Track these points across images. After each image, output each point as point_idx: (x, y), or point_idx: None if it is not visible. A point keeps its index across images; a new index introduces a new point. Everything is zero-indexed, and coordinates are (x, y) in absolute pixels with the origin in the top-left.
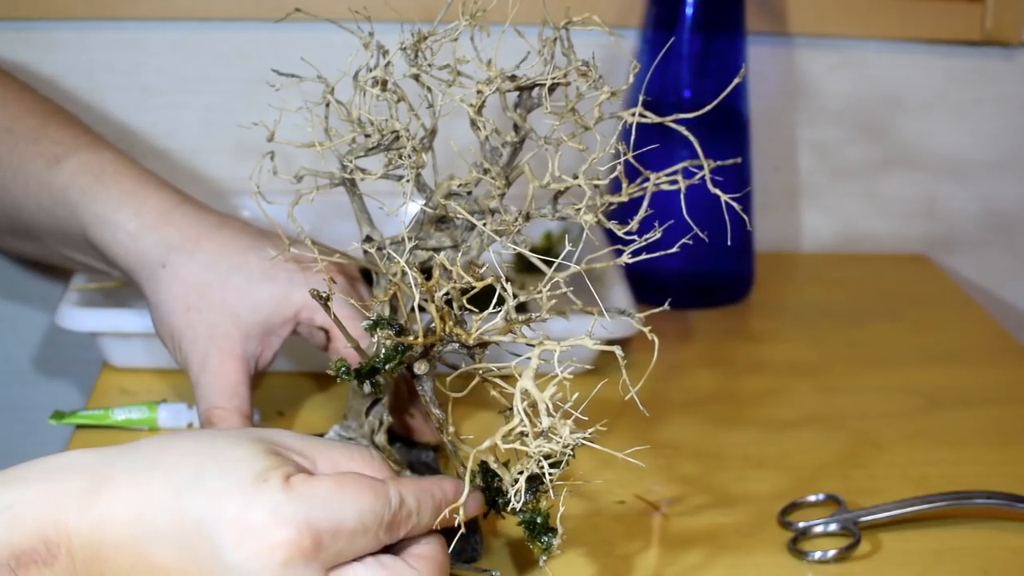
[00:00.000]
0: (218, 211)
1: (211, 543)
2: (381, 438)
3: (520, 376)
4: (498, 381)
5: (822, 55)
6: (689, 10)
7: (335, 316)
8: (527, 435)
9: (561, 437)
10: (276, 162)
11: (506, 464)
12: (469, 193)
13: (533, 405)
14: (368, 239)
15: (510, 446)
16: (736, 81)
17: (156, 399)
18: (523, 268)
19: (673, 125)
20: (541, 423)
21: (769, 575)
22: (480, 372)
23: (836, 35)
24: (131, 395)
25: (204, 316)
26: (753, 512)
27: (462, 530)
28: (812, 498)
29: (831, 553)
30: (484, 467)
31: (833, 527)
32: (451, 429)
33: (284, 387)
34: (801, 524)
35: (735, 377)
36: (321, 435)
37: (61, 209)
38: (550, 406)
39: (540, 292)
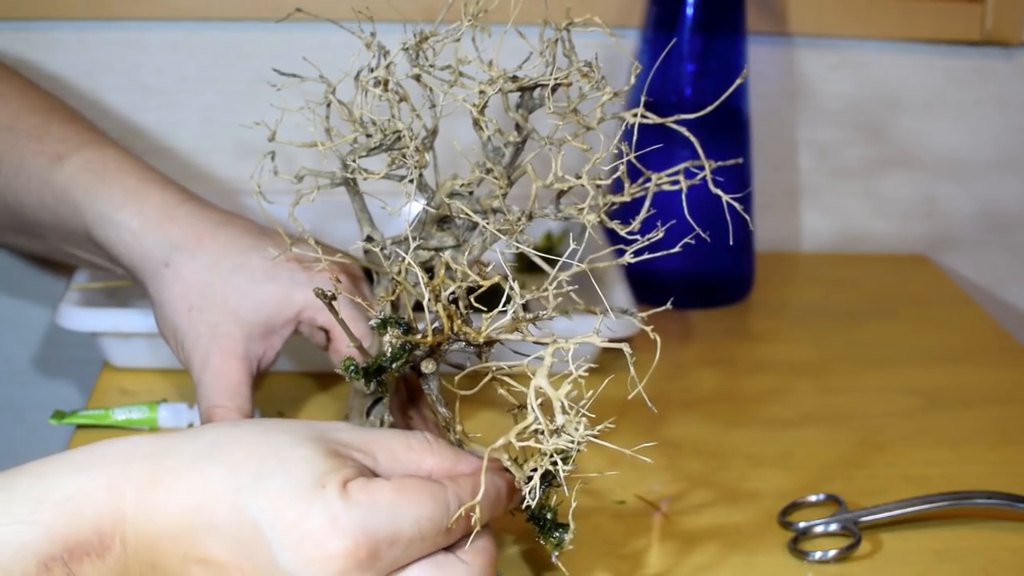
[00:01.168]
0: (222, 209)
1: (267, 544)
2: None
3: (534, 375)
4: (507, 379)
5: (822, 55)
6: (689, 10)
7: (339, 316)
8: (542, 433)
9: (573, 434)
10: (277, 162)
11: (517, 461)
12: (471, 193)
13: (544, 403)
14: (369, 239)
15: (524, 444)
16: (738, 82)
17: (156, 399)
18: (525, 268)
19: (675, 126)
20: (555, 420)
21: (769, 575)
22: (493, 370)
23: (836, 35)
24: (131, 395)
25: (206, 315)
26: (754, 512)
27: (477, 528)
28: (813, 498)
29: (831, 553)
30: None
31: (834, 527)
32: (458, 428)
33: (285, 387)
34: (802, 524)
35: (736, 377)
36: None
37: (64, 207)
38: (565, 404)
39: (546, 291)
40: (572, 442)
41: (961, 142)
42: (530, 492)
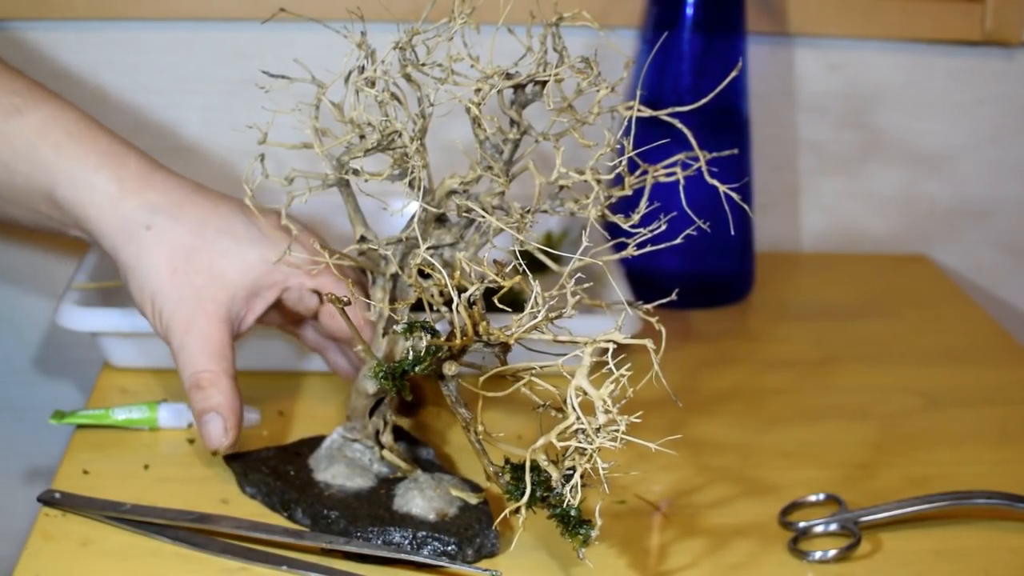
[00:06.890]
0: (193, 180)
1: None
2: (387, 438)
3: (572, 376)
4: (536, 380)
5: (822, 55)
6: (689, 10)
7: (350, 320)
8: (584, 432)
9: (614, 433)
10: (273, 163)
11: (554, 462)
12: (467, 191)
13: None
14: (363, 239)
15: (565, 444)
16: (732, 75)
17: (156, 399)
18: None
19: (668, 119)
20: (597, 420)
21: (769, 575)
22: (530, 372)
23: (836, 35)
24: (131, 395)
25: (192, 279)
26: (753, 512)
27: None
28: (812, 498)
29: (831, 553)
30: (512, 464)
31: (833, 527)
32: (480, 428)
33: (285, 387)
34: (801, 524)
35: (735, 377)
36: (324, 437)
37: (22, 163)
38: (609, 403)
39: (563, 290)
40: (614, 440)
41: (961, 142)
42: (571, 490)
